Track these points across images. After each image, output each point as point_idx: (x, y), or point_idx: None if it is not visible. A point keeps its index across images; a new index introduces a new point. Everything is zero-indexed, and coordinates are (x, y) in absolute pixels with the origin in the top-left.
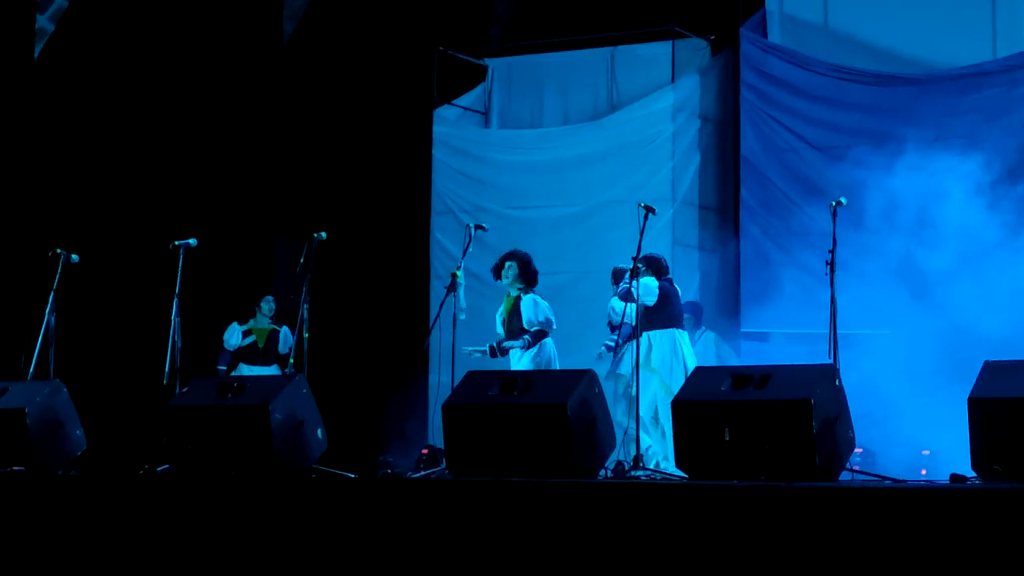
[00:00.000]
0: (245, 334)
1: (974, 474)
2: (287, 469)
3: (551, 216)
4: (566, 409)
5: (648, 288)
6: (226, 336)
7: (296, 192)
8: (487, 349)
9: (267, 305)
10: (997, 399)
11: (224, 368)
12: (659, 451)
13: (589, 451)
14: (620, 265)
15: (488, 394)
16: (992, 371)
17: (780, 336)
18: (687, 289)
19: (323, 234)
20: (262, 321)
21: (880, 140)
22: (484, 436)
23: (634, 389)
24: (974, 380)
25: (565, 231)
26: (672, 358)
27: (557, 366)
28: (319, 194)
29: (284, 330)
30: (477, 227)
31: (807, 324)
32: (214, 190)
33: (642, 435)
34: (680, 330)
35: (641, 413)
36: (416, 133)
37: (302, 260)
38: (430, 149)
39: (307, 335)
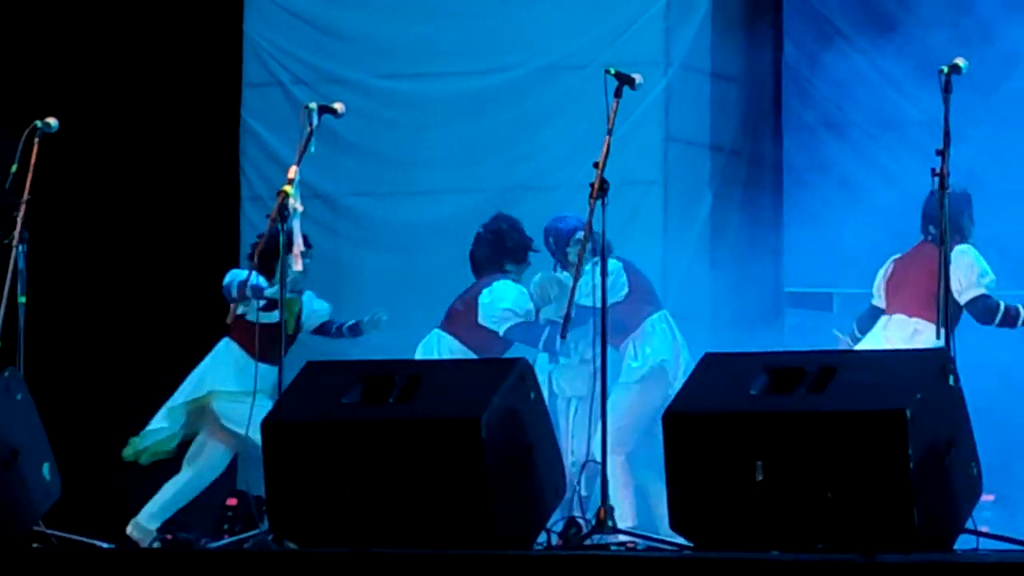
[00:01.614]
0: (268, 305)
1: None
2: None
3: (457, 91)
4: (479, 428)
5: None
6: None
7: None
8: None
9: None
10: None
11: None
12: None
13: (521, 502)
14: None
15: (342, 402)
16: None
17: (851, 299)
18: (692, 218)
19: (53, 122)
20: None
21: None
22: (335, 475)
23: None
24: None
25: (482, 117)
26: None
27: None
28: (41, 53)
29: (308, 296)
30: (324, 109)
31: None
32: None
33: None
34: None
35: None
36: None
37: (14, 168)
38: None
39: (24, 299)
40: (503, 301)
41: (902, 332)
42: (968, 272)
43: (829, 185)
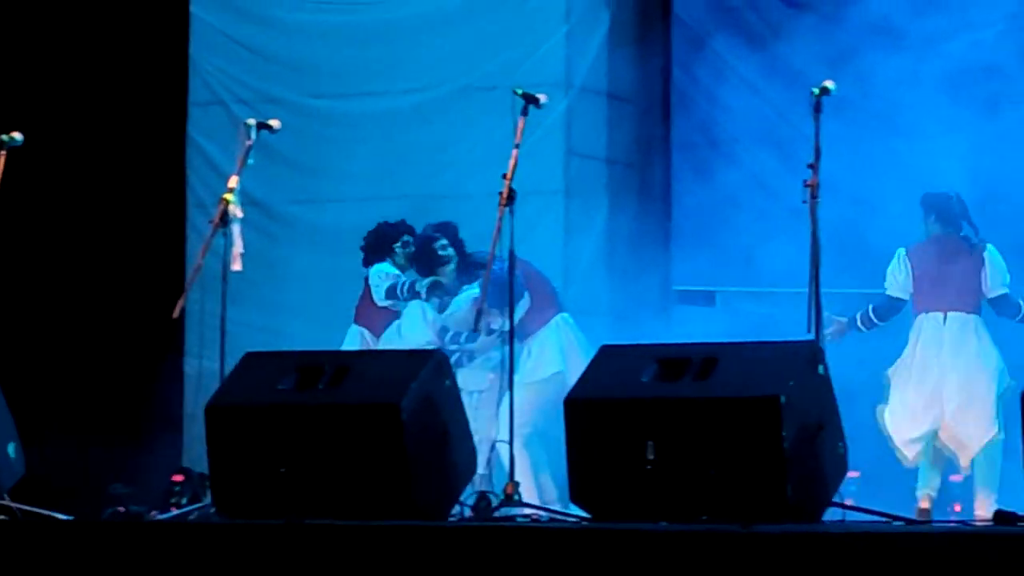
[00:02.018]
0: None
1: None
2: None
3: (380, 109)
4: (399, 411)
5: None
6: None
7: None
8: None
9: (404, 250)
10: None
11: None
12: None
13: (437, 477)
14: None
15: (278, 388)
16: None
17: (731, 297)
18: (590, 224)
19: (18, 136)
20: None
21: None
22: (271, 454)
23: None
24: None
25: (403, 132)
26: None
27: None
28: (10, 78)
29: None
30: (261, 126)
31: (773, 279)
32: None
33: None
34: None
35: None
36: None
37: None
38: (186, 3)
39: None
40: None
41: (964, 329)
42: (998, 271)
43: (712, 194)
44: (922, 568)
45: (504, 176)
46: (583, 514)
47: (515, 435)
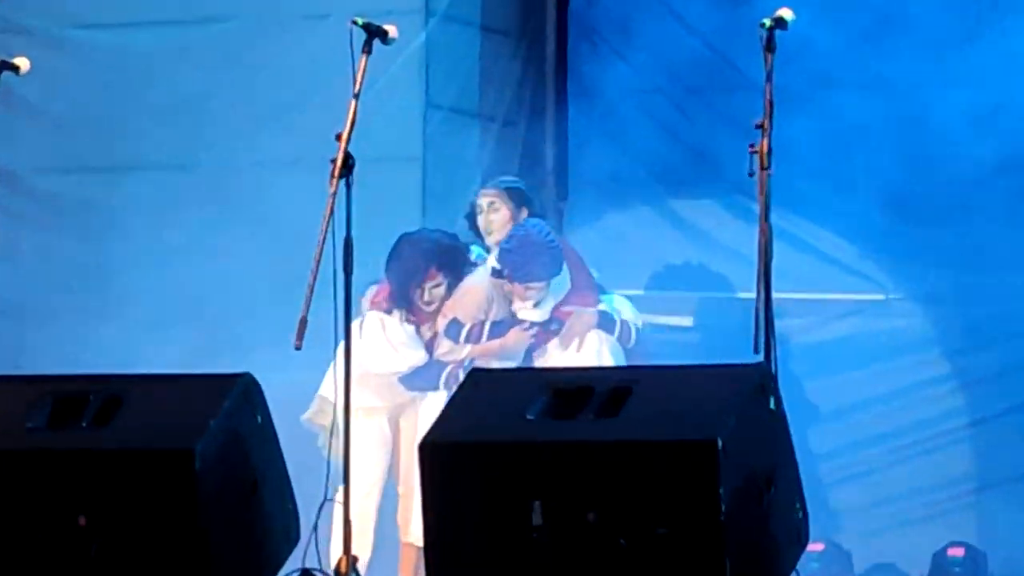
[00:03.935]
0: None
1: None
2: None
3: (166, 43)
4: (194, 459)
5: None
6: None
7: None
8: None
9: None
10: None
11: None
12: None
13: (244, 547)
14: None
15: (28, 427)
16: None
17: (652, 302)
18: (457, 204)
19: None
20: None
21: None
22: (19, 513)
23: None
24: None
25: (196, 75)
26: None
27: None
28: None
29: None
30: (3, 66)
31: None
32: None
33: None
34: None
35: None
36: None
37: None
38: None
39: None
40: None
41: None
42: None
43: (616, 157)
44: None
45: (338, 137)
46: None
47: None
